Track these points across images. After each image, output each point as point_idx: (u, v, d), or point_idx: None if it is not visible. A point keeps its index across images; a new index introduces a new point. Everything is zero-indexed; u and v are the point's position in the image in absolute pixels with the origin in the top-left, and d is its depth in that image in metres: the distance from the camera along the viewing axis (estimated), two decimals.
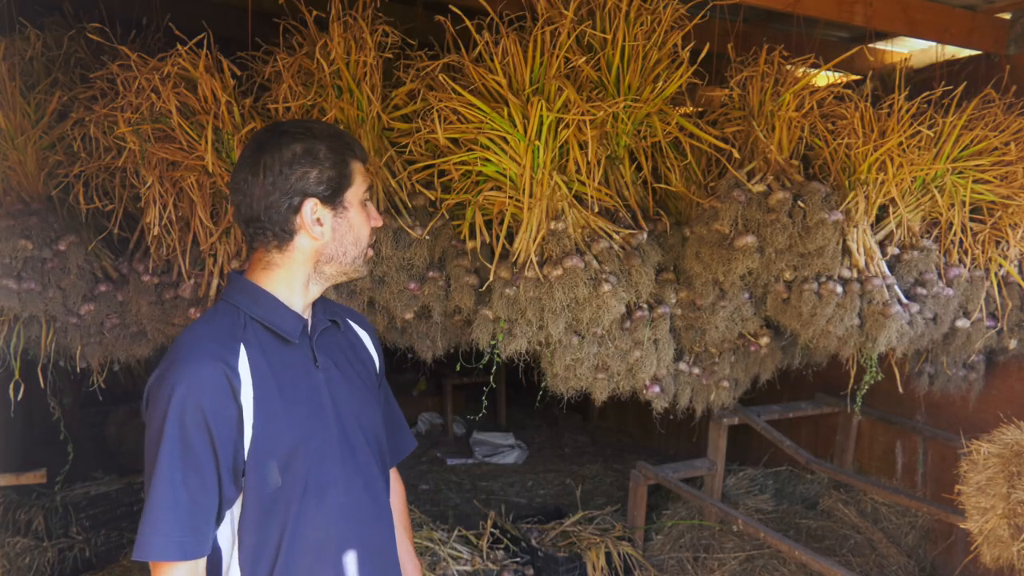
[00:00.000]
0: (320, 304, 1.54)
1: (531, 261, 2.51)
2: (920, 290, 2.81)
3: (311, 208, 1.40)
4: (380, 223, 1.53)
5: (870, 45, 3.84)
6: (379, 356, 1.68)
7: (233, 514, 1.36)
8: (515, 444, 6.05)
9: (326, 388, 1.45)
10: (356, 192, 1.45)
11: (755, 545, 3.72)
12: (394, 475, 1.74)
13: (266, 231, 1.41)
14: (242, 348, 1.36)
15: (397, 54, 2.63)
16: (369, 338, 1.67)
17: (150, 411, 1.32)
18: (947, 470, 3.76)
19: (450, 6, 2.52)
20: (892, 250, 2.81)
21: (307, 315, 1.49)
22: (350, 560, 1.44)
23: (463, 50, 2.58)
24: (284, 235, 1.41)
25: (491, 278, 2.61)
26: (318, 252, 1.44)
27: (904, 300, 2.74)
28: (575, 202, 2.59)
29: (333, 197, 1.42)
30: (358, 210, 1.46)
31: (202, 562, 1.32)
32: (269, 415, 1.35)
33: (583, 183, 2.62)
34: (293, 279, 1.44)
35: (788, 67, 2.78)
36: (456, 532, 3.71)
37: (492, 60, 2.53)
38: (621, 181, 2.79)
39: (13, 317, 2.68)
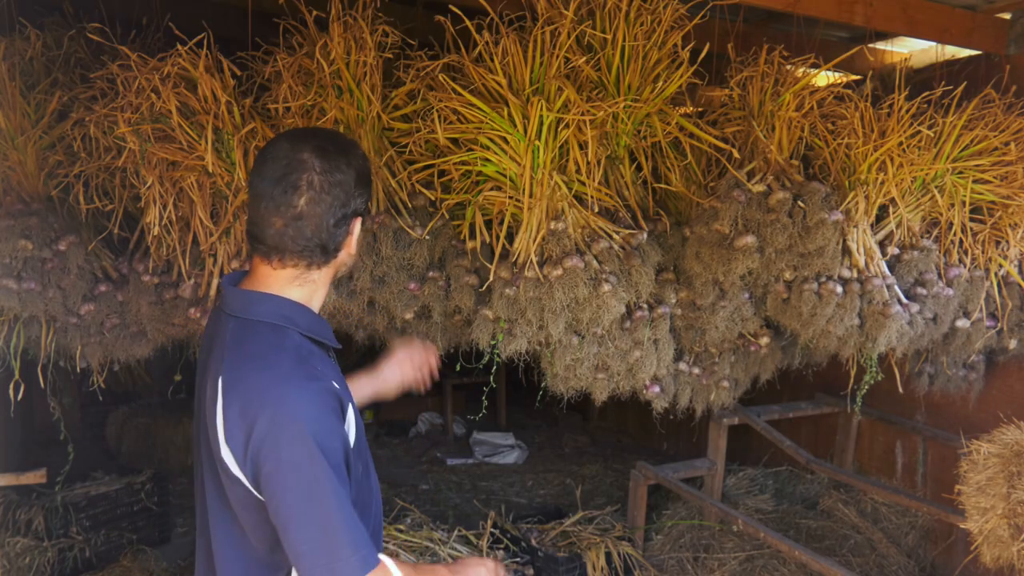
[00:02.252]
0: None
1: (531, 261, 2.51)
2: (920, 290, 2.81)
3: (358, 226, 1.46)
4: None
5: (870, 45, 3.84)
6: None
7: None
8: (515, 444, 6.05)
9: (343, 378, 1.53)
10: (368, 206, 1.54)
11: (755, 545, 3.72)
12: None
13: (321, 251, 1.40)
14: (316, 364, 1.38)
15: (397, 54, 2.63)
16: None
17: (288, 454, 1.26)
18: (947, 470, 3.76)
19: (450, 6, 2.52)
20: (892, 250, 2.81)
21: None
22: (380, 536, 1.60)
23: (463, 50, 2.58)
24: (334, 253, 1.43)
25: (491, 278, 2.61)
26: (343, 264, 1.48)
27: (904, 300, 2.74)
28: (575, 202, 2.59)
29: (364, 211, 1.48)
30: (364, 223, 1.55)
31: None
32: (354, 419, 1.42)
33: (583, 183, 2.62)
34: (322, 291, 1.47)
35: (788, 67, 2.78)
36: (456, 532, 3.71)
37: (492, 60, 2.53)
38: (621, 181, 2.79)
39: (13, 317, 2.68)
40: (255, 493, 1.30)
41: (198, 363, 1.51)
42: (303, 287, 1.42)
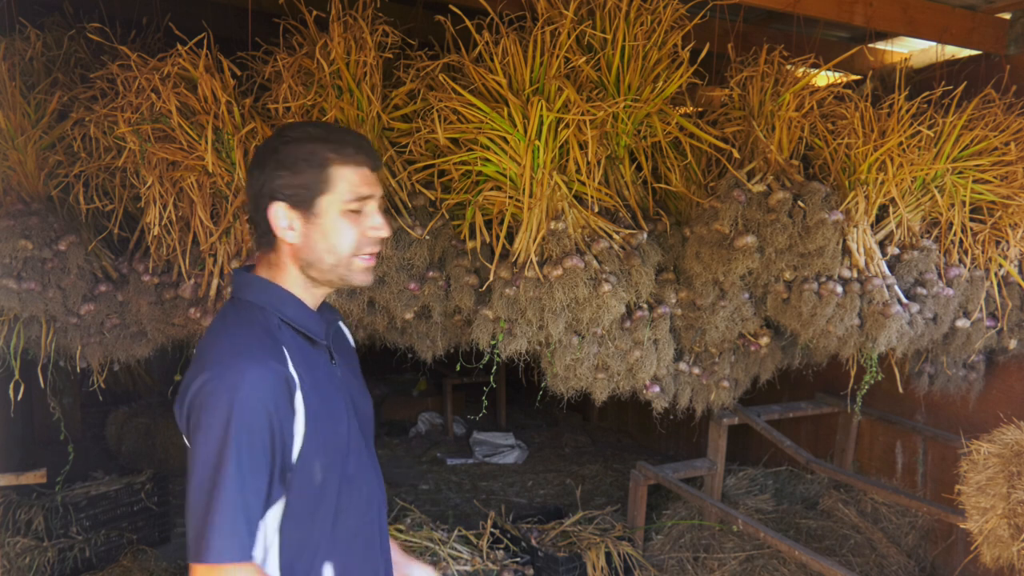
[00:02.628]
0: (324, 303, 1.57)
1: (531, 261, 2.51)
2: (920, 290, 2.81)
3: (277, 211, 1.39)
4: (384, 233, 1.45)
5: (870, 45, 3.84)
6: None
7: (274, 512, 1.37)
8: (515, 444, 6.05)
9: (343, 383, 1.50)
10: (335, 200, 1.39)
11: (755, 545, 3.72)
12: None
13: (257, 230, 1.45)
14: (284, 350, 1.36)
15: (397, 54, 2.63)
16: (348, 331, 1.71)
17: (206, 416, 1.27)
18: (947, 470, 3.76)
19: (450, 6, 2.52)
20: (892, 250, 2.81)
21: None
22: (378, 544, 1.52)
23: (463, 50, 2.58)
24: (268, 235, 1.43)
25: (491, 278, 2.61)
26: (296, 255, 1.43)
27: (904, 300, 2.74)
28: (575, 202, 2.59)
29: (303, 203, 1.39)
30: (336, 218, 1.40)
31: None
32: (314, 415, 1.37)
33: (583, 183, 2.62)
34: (296, 279, 1.45)
35: (788, 67, 2.78)
36: (456, 532, 3.71)
37: (492, 60, 2.53)
38: (621, 181, 2.79)
39: (13, 317, 2.68)
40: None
41: None
42: (273, 270, 1.44)
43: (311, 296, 1.47)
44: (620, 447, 6.26)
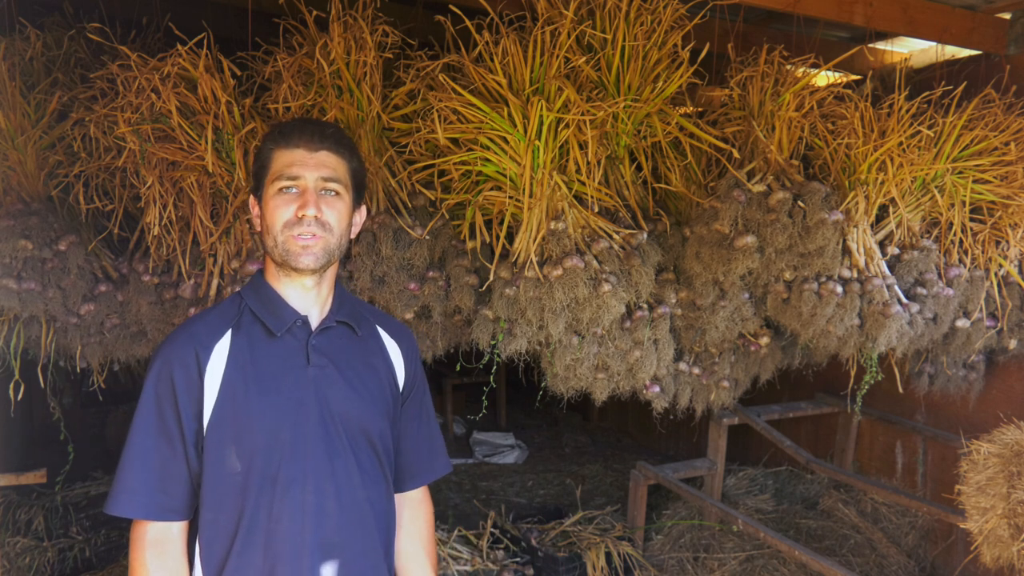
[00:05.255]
0: (338, 304, 1.54)
1: (531, 261, 2.50)
2: (920, 290, 2.81)
3: (251, 203, 1.53)
4: (305, 211, 1.42)
5: (870, 45, 3.84)
6: (407, 370, 1.62)
7: (203, 482, 1.43)
8: (515, 444, 6.05)
9: (313, 385, 1.44)
10: (270, 179, 1.47)
11: (755, 545, 3.72)
12: (423, 495, 1.69)
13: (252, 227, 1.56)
14: (229, 332, 1.44)
15: (397, 54, 2.63)
16: (398, 348, 1.62)
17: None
18: (947, 470, 3.76)
19: (450, 6, 2.52)
20: (892, 250, 2.81)
21: (314, 311, 1.50)
22: (308, 560, 1.40)
23: (463, 50, 2.58)
24: (257, 230, 1.56)
25: (491, 278, 2.61)
26: (262, 241, 1.50)
27: (904, 300, 2.74)
28: (575, 202, 2.59)
29: (257, 190, 1.51)
30: (272, 197, 1.45)
31: (176, 525, 1.41)
32: (234, 400, 1.39)
33: (583, 183, 2.62)
34: (270, 268, 1.51)
35: (788, 67, 2.78)
36: (456, 532, 3.71)
37: (492, 60, 2.53)
38: (621, 181, 2.79)
39: (13, 317, 2.68)
40: None
41: None
42: (264, 265, 1.54)
43: (290, 286, 1.48)
44: (620, 447, 6.26)
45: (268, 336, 1.44)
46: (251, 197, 1.53)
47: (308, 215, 1.42)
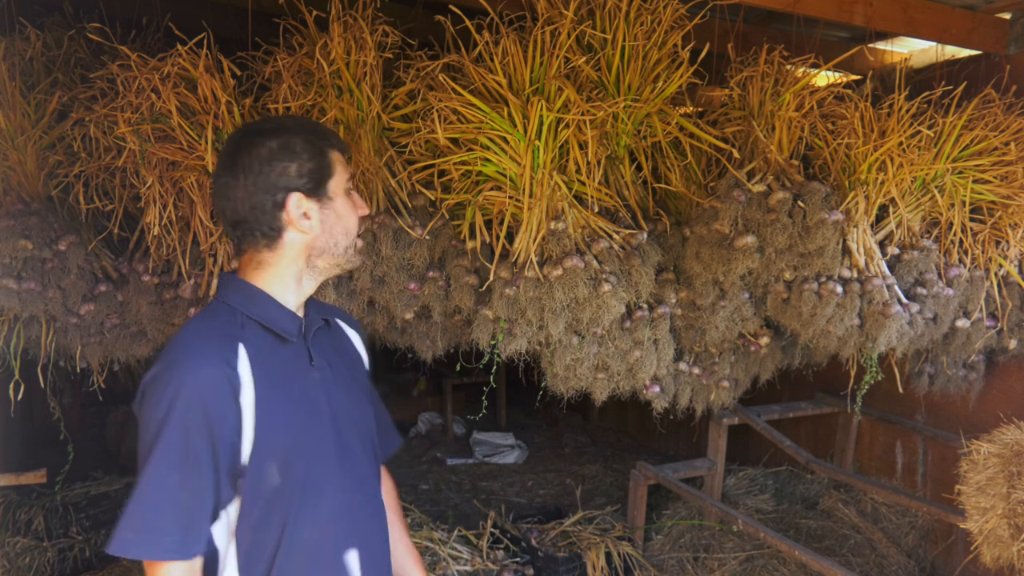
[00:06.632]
0: (311, 304, 1.53)
1: (531, 261, 2.50)
2: (920, 290, 2.81)
3: (296, 202, 1.39)
4: (366, 211, 1.50)
5: (870, 45, 3.84)
6: (367, 356, 1.68)
7: (229, 514, 1.35)
8: (515, 444, 6.05)
9: (321, 387, 1.44)
10: (339, 181, 1.43)
11: (755, 545, 3.72)
12: (383, 471, 1.74)
13: (254, 232, 1.39)
14: (241, 347, 1.34)
15: (397, 54, 2.63)
16: (358, 337, 1.67)
17: (147, 409, 1.29)
18: (947, 470, 3.76)
19: (450, 6, 2.52)
20: (892, 250, 2.81)
21: (300, 314, 1.48)
22: (347, 559, 1.43)
23: (463, 50, 2.58)
24: (272, 233, 1.39)
25: (491, 278, 2.61)
26: (309, 246, 1.42)
27: (904, 300, 2.74)
28: (575, 202, 2.59)
29: (317, 189, 1.40)
30: (344, 199, 1.44)
31: (198, 562, 1.32)
32: (268, 415, 1.34)
33: (583, 183, 2.62)
34: (286, 276, 1.43)
35: (788, 67, 2.78)
36: (456, 532, 3.71)
37: (492, 60, 2.53)
38: (621, 181, 2.79)
39: (13, 317, 2.68)
40: None
41: None
42: (259, 269, 1.42)
43: (298, 293, 1.45)
44: (620, 447, 6.26)
45: (278, 343, 1.40)
46: (300, 195, 1.39)
47: (365, 215, 1.50)
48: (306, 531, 1.38)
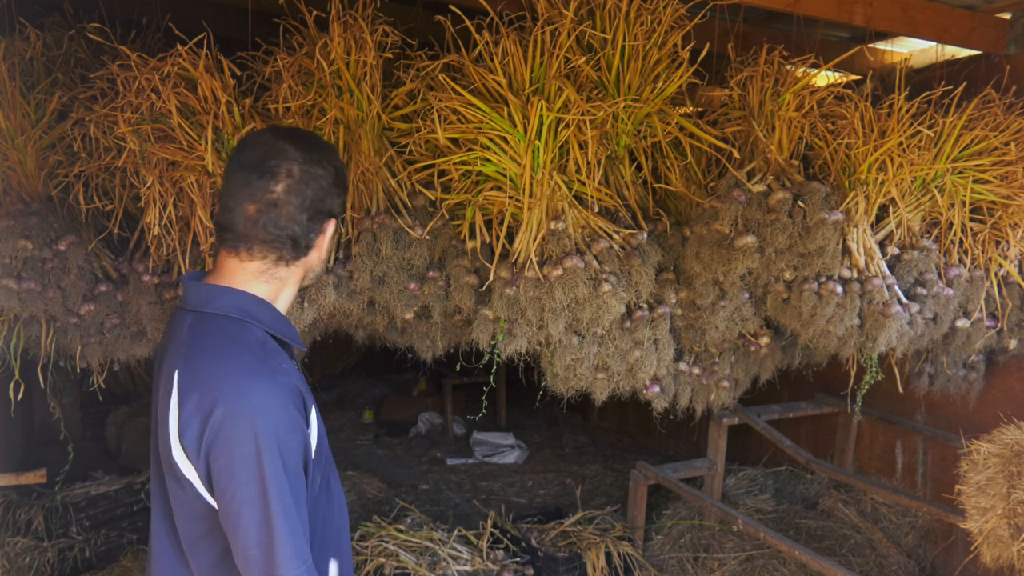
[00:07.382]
0: None
1: (531, 261, 2.50)
2: (920, 290, 2.81)
3: (332, 228, 1.44)
4: None
5: (870, 45, 3.84)
6: None
7: None
8: (515, 444, 6.05)
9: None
10: (342, 209, 1.51)
11: (755, 545, 3.72)
12: None
13: (292, 244, 1.38)
14: (291, 362, 1.37)
15: (397, 54, 2.63)
16: None
17: (233, 447, 1.21)
18: (947, 470, 3.76)
19: (450, 6, 2.52)
20: (892, 250, 2.81)
21: None
22: (348, 546, 1.54)
23: (463, 50, 2.58)
24: (303, 251, 1.41)
25: (491, 278, 2.61)
26: (311, 266, 1.46)
27: (904, 300, 2.74)
28: (575, 202, 2.59)
29: (338, 212, 1.47)
30: (336, 222, 1.51)
31: None
32: (317, 425, 1.39)
33: (583, 183, 2.62)
34: (289, 290, 1.44)
35: (788, 67, 2.78)
36: (456, 532, 3.71)
37: (492, 60, 2.53)
38: (621, 181, 2.79)
39: (13, 317, 2.68)
40: (205, 497, 1.25)
41: (154, 364, 1.44)
42: (268, 283, 1.39)
43: (285, 304, 1.46)
44: (620, 447, 6.26)
45: (287, 353, 1.40)
46: (336, 222, 1.46)
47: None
48: (329, 527, 1.46)
